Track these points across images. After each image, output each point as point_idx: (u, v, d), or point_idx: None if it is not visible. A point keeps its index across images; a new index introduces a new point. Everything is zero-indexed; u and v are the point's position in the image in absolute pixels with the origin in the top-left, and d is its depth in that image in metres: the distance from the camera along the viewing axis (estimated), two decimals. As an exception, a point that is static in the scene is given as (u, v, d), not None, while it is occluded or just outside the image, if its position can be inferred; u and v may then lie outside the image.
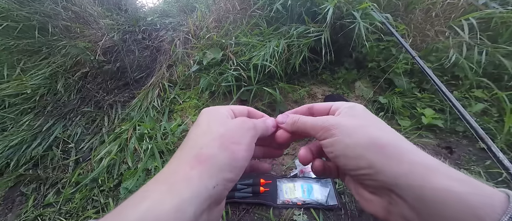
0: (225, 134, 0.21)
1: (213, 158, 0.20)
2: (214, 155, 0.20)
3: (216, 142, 0.21)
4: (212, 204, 0.19)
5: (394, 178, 0.17)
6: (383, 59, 1.36)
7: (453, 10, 1.32)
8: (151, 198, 0.17)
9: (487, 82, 1.15)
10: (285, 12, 1.39)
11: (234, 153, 0.21)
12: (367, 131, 0.20)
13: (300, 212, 0.79)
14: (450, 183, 0.16)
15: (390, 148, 0.18)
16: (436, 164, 0.17)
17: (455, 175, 0.16)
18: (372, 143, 0.19)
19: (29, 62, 1.73)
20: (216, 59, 1.38)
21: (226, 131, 0.22)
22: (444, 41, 1.26)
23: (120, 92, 1.61)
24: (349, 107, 0.23)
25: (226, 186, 0.20)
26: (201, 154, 0.20)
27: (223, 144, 0.21)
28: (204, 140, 0.21)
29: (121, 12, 2.40)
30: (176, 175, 0.19)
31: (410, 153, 0.18)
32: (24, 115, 1.48)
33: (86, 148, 1.27)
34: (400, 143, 0.19)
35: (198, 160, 0.20)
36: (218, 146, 0.20)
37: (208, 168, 0.19)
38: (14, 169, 1.18)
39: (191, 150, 0.21)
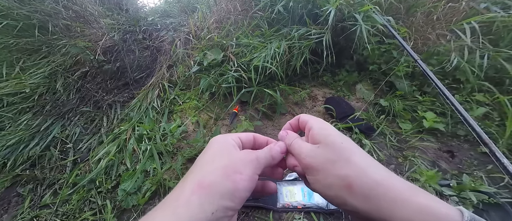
0: (228, 165, 0.22)
1: (214, 186, 0.21)
2: (216, 182, 0.21)
3: (219, 171, 0.22)
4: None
5: (367, 213, 0.19)
6: (384, 62, 1.35)
7: (454, 13, 1.32)
8: (156, 214, 0.19)
9: (488, 86, 1.15)
10: (287, 14, 1.39)
11: (236, 182, 0.21)
12: (337, 171, 0.21)
13: (300, 216, 0.78)
14: (411, 214, 0.18)
15: (356, 188, 0.20)
16: (402, 195, 0.19)
17: (416, 205, 0.18)
18: (342, 183, 0.21)
19: (28, 61, 1.72)
20: (217, 60, 1.38)
21: (229, 162, 0.23)
22: (446, 44, 1.26)
23: (120, 92, 1.60)
24: (320, 128, 0.25)
25: (226, 214, 0.20)
26: (203, 180, 0.21)
27: (226, 173, 0.22)
28: (208, 168, 0.22)
29: (122, 12, 2.40)
30: (177, 201, 0.20)
31: (376, 188, 0.19)
32: (22, 114, 1.47)
33: (84, 148, 1.25)
34: (364, 179, 0.20)
35: (199, 186, 0.21)
36: (221, 175, 0.21)
37: (208, 194, 0.20)
38: (11, 169, 1.17)
39: (194, 177, 0.22)
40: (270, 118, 1.28)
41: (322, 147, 0.23)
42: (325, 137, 0.24)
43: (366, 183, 0.20)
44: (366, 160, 0.22)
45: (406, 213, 0.18)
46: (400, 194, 0.19)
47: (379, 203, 0.19)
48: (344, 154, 0.22)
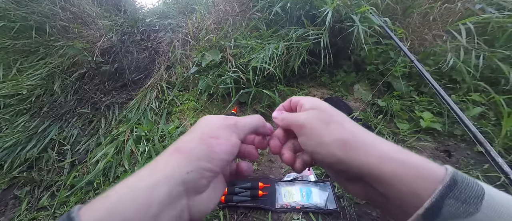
0: (205, 131, 0.23)
1: (191, 150, 0.22)
2: (193, 148, 0.22)
3: (196, 138, 0.23)
4: (190, 190, 0.20)
5: (359, 169, 0.20)
6: (381, 62, 1.36)
7: (450, 14, 1.34)
8: (130, 180, 0.19)
9: (484, 86, 1.16)
10: (284, 15, 1.40)
11: (211, 146, 0.22)
12: (331, 130, 0.22)
13: (299, 216, 0.78)
14: (398, 170, 0.19)
15: (350, 143, 0.21)
16: (389, 152, 0.20)
17: (401, 161, 0.19)
18: (336, 139, 0.22)
19: (25, 63, 1.71)
20: (215, 61, 1.38)
21: (206, 129, 0.24)
22: (442, 45, 1.27)
23: (118, 94, 1.60)
24: (312, 103, 0.26)
25: (203, 175, 0.21)
26: (181, 147, 0.22)
27: (202, 139, 0.22)
28: (187, 137, 0.23)
29: (120, 13, 2.40)
30: (156, 162, 0.21)
31: (368, 145, 0.21)
32: (19, 116, 1.46)
33: (82, 150, 1.25)
34: (359, 137, 0.22)
35: (177, 150, 0.22)
36: (197, 141, 0.22)
37: (185, 157, 0.21)
38: (8, 171, 1.16)
39: (175, 144, 0.23)
40: (269, 118, 1.28)
41: (313, 110, 0.25)
42: (318, 105, 0.25)
43: (359, 141, 0.21)
44: (357, 126, 0.23)
45: (391, 167, 0.19)
46: (388, 152, 0.20)
47: (369, 159, 0.20)
48: (336, 118, 0.23)
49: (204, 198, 0.22)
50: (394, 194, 0.19)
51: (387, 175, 0.19)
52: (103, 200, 0.17)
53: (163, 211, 0.18)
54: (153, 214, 0.17)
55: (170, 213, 0.19)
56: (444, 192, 0.16)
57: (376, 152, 0.20)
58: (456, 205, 0.16)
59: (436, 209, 0.16)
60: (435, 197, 0.16)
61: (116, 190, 0.18)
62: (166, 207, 0.18)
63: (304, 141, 0.24)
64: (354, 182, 0.22)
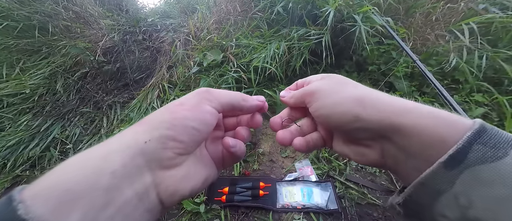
0: (175, 101, 0.21)
1: (152, 120, 0.20)
2: (154, 117, 0.20)
3: (162, 108, 0.21)
4: (152, 164, 0.17)
5: (378, 124, 0.19)
6: (383, 62, 1.36)
7: (453, 14, 1.33)
8: (83, 152, 0.17)
9: (487, 87, 1.15)
10: (286, 15, 1.39)
11: (174, 112, 0.20)
12: (345, 89, 0.22)
13: (300, 216, 0.78)
14: (421, 120, 0.18)
15: (367, 100, 0.20)
16: (411, 105, 0.19)
17: (426, 113, 0.18)
18: (352, 97, 0.21)
19: (28, 62, 1.73)
20: (217, 61, 1.38)
21: (178, 99, 0.22)
22: (445, 45, 1.27)
23: (120, 93, 1.61)
24: (322, 75, 0.26)
25: (165, 144, 0.18)
26: (143, 119, 0.20)
27: (166, 108, 0.21)
28: (156, 111, 0.21)
29: (122, 13, 2.40)
30: (116, 135, 0.19)
31: (385, 100, 0.20)
32: (22, 115, 1.47)
33: (84, 149, 1.25)
34: (375, 94, 0.21)
35: (140, 122, 0.20)
36: (162, 111, 0.20)
37: (144, 126, 0.19)
38: (11, 169, 1.17)
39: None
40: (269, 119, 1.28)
41: (326, 78, 0.25)
42: (328, 74, 0.25)
43: (376, 97, 0.21)
44: (372, 89, 0.22)
45: (414, 116, 0.18)
46: (408, 103, 0.19)
47: (388, 111, 0.19)
48: (350, 81, 0.23)
49: (175, 176, 0.19)
50: (416, 145, 0.17)
51: (410, 125, 0.18)
52: (49, 174, 0.15)
53: (119, 185, 0.15)
54: (105, 186, 0.15)
55: (129, 188, 0.16)
56: (472, 138, 0.15)
57: (396, 105, 0.19)
58: (483, 150, 0.15)
59: (461, 155, 0.15)
60: (463, 142, 0.15)
61: (65, 162, 0.16)
62: (122, 180, 0.16)
63: (317, 106, 0.23)
64: (368, 143, 0.21)
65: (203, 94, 0.22)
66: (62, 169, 0.15)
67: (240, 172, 0.96)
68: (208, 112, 0.21)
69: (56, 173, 0.15)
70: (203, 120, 0.21)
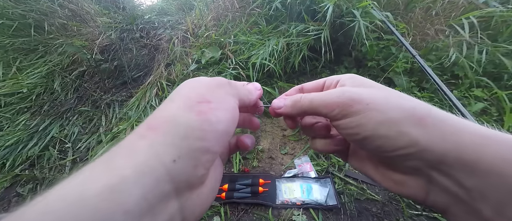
0: (189, 95, 0.16)
1: (171, 122, 0.14)
2: (173, 118, 0.14)
3: (177, 104, 0.15)
4: (181, 188, 0.13)
5: (442, 154, 0.14)
6: (382, 58, 1.35)
7: (453, 8, 1.32)
8: (74, 180, 0.11)
9: (487, 81, 1.15)
10: (285, 10, 1.38)
11: (204, 113, 0.15)
12: (400, 102, 0.16)
13: (299, 212, 0.79)
14: (507, 155, 0.12)
15: (430, 120, 0.15)
16: (490, 131, 0.14)
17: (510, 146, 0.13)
18: (409, 115, 0.15)
19: (25, 61, 1.71)
20: (215, 58, 1.37)
21: (190, 92, 0.16)
22: (444, 40, 1.26)
23: (118, 91, 1.60)
24: (351, 76, 0.19)
25: (197, 161, 0.14)
26: (155, 121, 0.14)
27: (187, 104, 0.15)
28: (164, 106, 0.16)
29: (118, 10, 2.38)
30: (118, 150, 0.13)
31: (454, 121, 0.15)
32: (20, 115, 1.46)
33: (83, 148, 1.25)
34: (438, 112, 0.16)
35: (151, 128, 0.14)
36: (180, 108, 0.15)
37: (163, 135, 0.13)
38: (10, 169, 1.17)
39: (145, 121, 0.15)
40: (269, 116, 1.28)
41: (363, 87, 0.18)
42: (365, 81, 0.18)
43: (440, 115, 0.15)
44: (425, 103, 0.17)
45: (505, 150, 0.13)
46: (482, 130, 0.14)
47: (460, 138, 0.14)
48: (395, 91, 0.17)
49: (203, 193, 0.15)
50: (491, 187, 0.13)
51: (493, 163, 0.13)
52: (30, 208, 0.10)
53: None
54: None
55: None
56: None
57: (468, 130, 0.14)
58: None
59: None
60: None
61: (46, 197, 0.11)
62: (139, 219, 0.11)
63: (356, 122, 0.16)
64: (412, 175, 0.16)
65: (227, 87, 0.18)
66: (47, 209, 0.10)
67: (239, 169, 0.96)
68: (236, 110, 0.17)
69: (40, 210, 0.10)
70: (233, 121, 0.17)
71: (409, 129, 0.15)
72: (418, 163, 0.15)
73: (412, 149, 0.15)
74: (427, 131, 0.15)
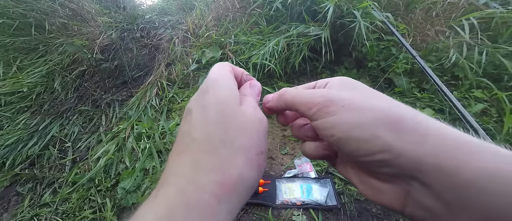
0: (250, 145, 0.17)
1: (240, 183, 0.16)
2: (241, 177, 0.16)
3: (241, 158, 0.16)
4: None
5: (419, 161, 0.13)
6: (383, 59, 1.35)
7: (453, 10, 1.32)
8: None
9: (487, 82, 1.15)
10: (285, 11, 1.38)
11: (260, 167, 0.17)
12: (376, 104, 0.15)
13: (299, 212, 0.79)
14: (496, 163, 0.11)
15: (407, 122, 0.14)
16: (473, 139, 0.13)
17: (502, 152, 0.12)
18: (385, 117, 0.14)
19: (25, 60, 1.71)
20: (215, 58, 1.37)
21: (249, 140, 0.17)
22: (444, 41, 1.26)
23: (118, 91, 1.60)
24: (340, 79, 0.19)
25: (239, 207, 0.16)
26: (226, 179, 0.15)
27: (250, 160, 0.16)
28: (226, 153, 0.16)
29: (119, 10, 2.38)
30: (194, 208, 0.14)
31: (434, 126, 0.14)
32: (20, 114, 1.46)
33: (83, 147, 1.25)
34: (418, 115, 0.14)
35: (222, 187, 0.15)
36: (245, 165, 0.16)
37: (235, 196, 0.15)
38: (10, 168, 1.17)
39: (210, 171, 0.16)
40: (269, 116, 1.28)
41: (348, 89, 0.17)
42: (352, 83, 0.18)
43: (420, 118, 0.14)
44: (408, 107, 0.16)
45: (489, 163, 0.11)
46: (464, 138, 0.13)
47: (441, 145, 0.13)
48: (379, 93, 0.17)
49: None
50: (477, 202, 0.11)
51: (474, 173, 0.11)
52: None
53: None
54: None
55: None
56: None
57: (450, 137, 0.13)
58: None
59: None
60: None
61: None
62: None
63: (331, 123, 0.16)
64: (391, 183, 0.15)
65: (265, 125, 0.19)
66: None
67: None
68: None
69: None
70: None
71: (383, 132, 0.14)
72: (394, 171, 0.14)
73: (386, 154, 0.14)
74: (403, 135, 0.14)
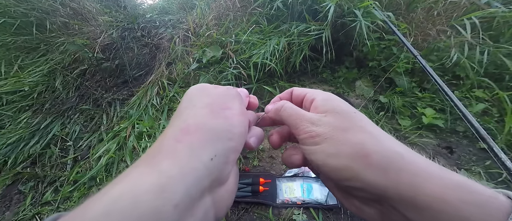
0: (212, 102, 0.19)
1: (204, 127, 0.17)
2: (205, 123, 0.17)
3: (203, 110, 0.18)
4: (214, 182, 0.16)
5: (383, 190, 0.16)
6: (384, 58, 1.35)
7: (455, 9, 1.31)
8: (126, 180, 0.13)
9: (488, 82, 1.15)
10: (286, 10, 1.38)
11: (229, 118, 0.18)
12: (350, 137, 0.18)
13: (300, 211, 0.79)
14: (442, 191, 0.14)
15: (374, 156, 0.16)
16: (427, 169, 0.15)
17: (448, 181, 0.15)
18: (356, 151, 0.17)
19: (26, 59, 1.72)
20: (216, 57, 1.37)
21: (212, 99, 0.19)
22: (446, 40, 1.25)
23: (119, 90, 1.60)
24: (323, 98, 0.21)
25: (228, 158, 0.17)
26: (188, 125, 0.17)
27: (214, 110, 0.18)
28: (189, 112, 0.18)
29: (120, 9, 2.38)
30: (159, 153, 0.15)
31: (397, 159, 0.16)
32: (21, 113, 1.47)
33: (85, 146, 1.26)
34: (385, 148, 0.17)
35: (185, 132, 0.16)
36: (207, 114, 0.18)
37: (200, 138, 0.16)
38: (12, 167, 1.17)
39: (175, 125, 0.17)
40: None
41: (330, 115, 0.19)
42: (334, 106, 0.20)
43: (386, 152, 0.16)
44: (382, 132, 0.18)
45: (437, 189, 0.14)
46: (427, 168, 0.15)
47: (399, 177, 0.15)
48: (357, 122, 0.19)
49: (228, 189, 0.17)
50: (431, 218, 0.14)
51: (426, 200, 0.14)
52: (86, 207, 0.12)
53: (181, 220, 0.13)
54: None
55: (190, 219, 0.14)
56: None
57: (410, 168, 0.16)
58: None
59: None
60: None
61: (108, 194, 0.12)
62: (184, 213, 0.13)
63: (310, 151, 0.19)
64: (368, 204, 0.18)
65: (239, 98, 0.21)
66: (108, 208, 0.12)
67: (240, 168, 0.96)
68: (246, 113, 0.20)
69: (100, 210, 0.12)
70: (247, 124, 0.20)
71: (354, 164, 0.16)
72: (367, 195, 0.17)
73: (358, 183, 0.16)
74: (370, 168, 0.16)
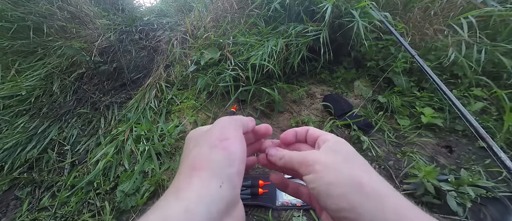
0: (211, 138, 0.21)
1: (207, 162, 0.19)
2: (207, 158, 0.19)
3: (204, 148, 0.20)
4: (229, 206, 0.18)
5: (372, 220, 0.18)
6: (382, 58, 1.35)
7: (451, 8, 1.32)
8: (156, 212, 0.17)
9: (486, 81, 1.15)
10: (283, 11, 1.38)
11: (227, 148, 0.20)
12: (348, 169, 0.20)
13: (300, 213, 0.78)
14: None
15: (368, 188, 0.18)
16: (410, 212, 0.18)
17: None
18: (353, 181, 0.19)
19: (24, 63, 1.71)
20: (214, 59, 1.37)
21: (211, 135, 0.22)
22: (443, 39, 1.26)
23: (117, 93, 1.59)
24: (335, 142, 0.23)
25: (233, 183, 0.19)
26: (195, 163, 0.19)
27: (211, 145, 0.20)
28: (193, 152, 0.21)
29: (117, 12, 2.38)
30: (178, 188, 0.18)
31: (386, 196, 0.18)
32: (19, 117, 1.46)
33: (82, 150, 1.25)
34: (379, 185, 0.19)
35: (193, 169, 0.19)
36: (209, 150, 0.20)
37: (206, 172, 0.19)
38: (9, 172, 1.16)
39: (186, 165, 0.20)
40: (269, 116, 1.28)
41: (335, 153, 0.22)
42: (342, 148, 0.23)
43: (376, 189, 0.19)
44: (375, 173, 0.21)
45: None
46: (404, 209, 0.18)
47: (385, 214, 0.18)
48: (357, 159, 0.22)
49: (239, 207, 0.20)
50: None
51: None
52: None
53: None
54: None
55: None
56: None
57: (392, 206, 0.18)
58: None
59: None
60: None
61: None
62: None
63: (312, 179, 0.21)
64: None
65: (233, 123, 0.23)
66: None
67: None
68: (243, 138, 0.23)
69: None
70: (245, 148, 0.22)
71: (349, 192, 0.19)
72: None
73: (350, 213, 0.18)
74: (362, 198, 0.18)
